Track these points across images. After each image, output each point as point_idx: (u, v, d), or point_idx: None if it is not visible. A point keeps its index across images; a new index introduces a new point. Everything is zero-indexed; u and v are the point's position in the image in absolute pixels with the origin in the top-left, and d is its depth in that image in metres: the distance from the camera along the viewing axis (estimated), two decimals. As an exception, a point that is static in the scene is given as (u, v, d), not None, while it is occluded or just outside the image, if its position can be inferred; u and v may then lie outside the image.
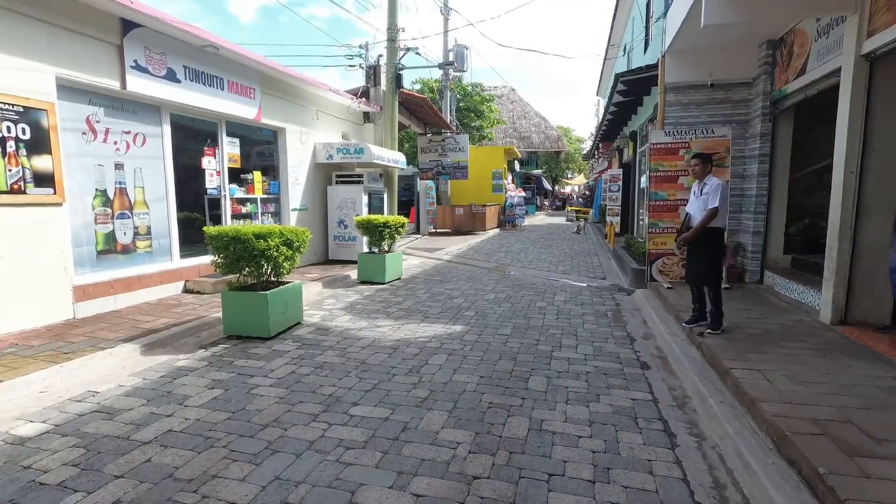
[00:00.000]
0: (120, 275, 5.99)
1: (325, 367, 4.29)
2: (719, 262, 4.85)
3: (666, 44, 7.19)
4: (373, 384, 3.93)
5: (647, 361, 4.56)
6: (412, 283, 8.48)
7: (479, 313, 6.31)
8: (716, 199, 4.60)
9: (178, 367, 4.27)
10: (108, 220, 5.94)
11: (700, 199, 4.76)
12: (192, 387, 3.83)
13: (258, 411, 3.41)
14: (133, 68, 5.92)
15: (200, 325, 5.32)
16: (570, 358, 4.61)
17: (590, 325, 5.83)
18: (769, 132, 6.83)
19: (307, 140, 9.70)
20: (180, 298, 6.51)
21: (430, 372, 4.21)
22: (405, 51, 11.80)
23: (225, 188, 7.78)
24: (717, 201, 4.59)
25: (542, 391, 3.83)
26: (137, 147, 6.28)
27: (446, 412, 3.43)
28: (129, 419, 3.27)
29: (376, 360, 4.51)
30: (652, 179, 7.13)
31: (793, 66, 6.07)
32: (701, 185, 4.82)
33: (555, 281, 8.78)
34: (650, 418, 3.38)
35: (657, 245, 7.22)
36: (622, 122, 13.28)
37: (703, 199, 4.70)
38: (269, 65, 7.90)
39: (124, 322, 5.32)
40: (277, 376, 4.07)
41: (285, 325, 5.34)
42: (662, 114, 7.38)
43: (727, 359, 4.03)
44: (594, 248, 14.10)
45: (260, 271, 5.05)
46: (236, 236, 4.84)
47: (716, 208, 4.60)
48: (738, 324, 5.07)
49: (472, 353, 4.71)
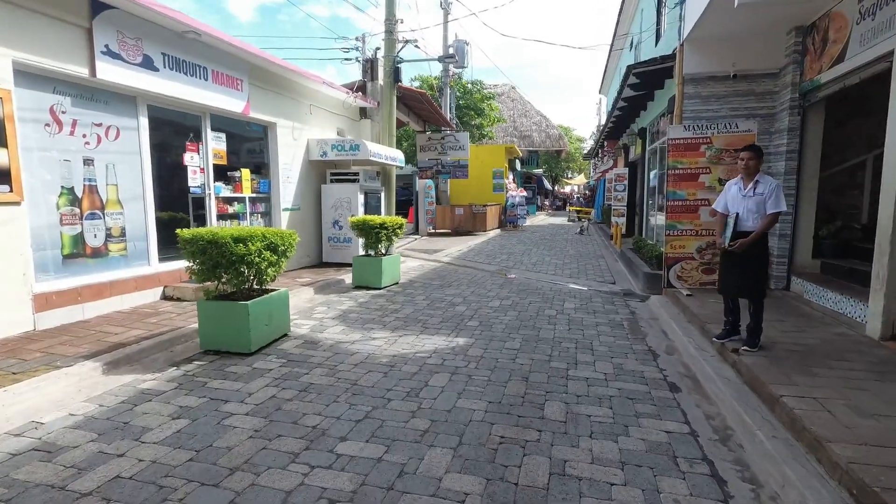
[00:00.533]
0: (89, 281, 5.44)
1: (311, 390, 3.76)
2: (767, 270, 4.34)
3: (685, 32, 6.67)
4: (365, 412, 3.40)
5: (675, 382, 4.04)
6: (410, 287, 7.94)
7: (483, 323, 5.78)
8: (780, 201, 4.08)
9: (142, 389, 3.74)
10: (76, 220, 5.39)
11: (752, 200, 4.17)
12: (154, 416, 3.29)
13: (227, 449, 2.87)
14: (104, 54, 5.38)
15: (175, 338, 4.79)
16: (589, 378, 4.08)
17: (605, 336, 5.30)
18: (797, 126, 6.31)
19: (300, 136, 9.16)
20: (157, 306, 5.97)
21: (431, 396, 3.68)
22: (403, 43, 11.27)
23: (210, 186, 7.24)
24: (783, 204, 4.09)
25: (561, 421, 3.30)
26: (110, 141, 5.73)
27: (450, 450, 2.90)
28: (72, 460, 2.74)
29: (369, 380, 3.97)
30: (669, 178, 6.60)
31: (828, 54, 5.54)
32: (752, 182, 4.21)
33: (562, 286, 8.25)
34: (692, 458, 2.85)
35: (675, 248, 6.70)
36: (630, 118, 12.76)
37: (757, 199, 4.14)
38: (257, 54, 7.36)
39: (90, 335, 4.78)
40: (255, 402, 3.54)
41: (269, 338, 4.81)
42: (680, 107, 6.86)
43: (772, 382, 3.50)
44: (599, 249, 13.58)
45: (240, 279, 4.51)
46: (213, 240, 4.30)
47: (777, 213, 4.10)
48: (773, 338, 4.54)
49: (478, 372, 4.18)
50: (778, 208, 4.07)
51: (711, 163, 6.44)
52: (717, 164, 6.44)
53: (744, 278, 4.21)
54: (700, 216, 6.54)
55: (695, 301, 6.09)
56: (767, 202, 4.09)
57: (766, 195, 4.09)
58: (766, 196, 4.09)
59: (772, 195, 4.08)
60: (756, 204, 4.15)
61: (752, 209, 4.18)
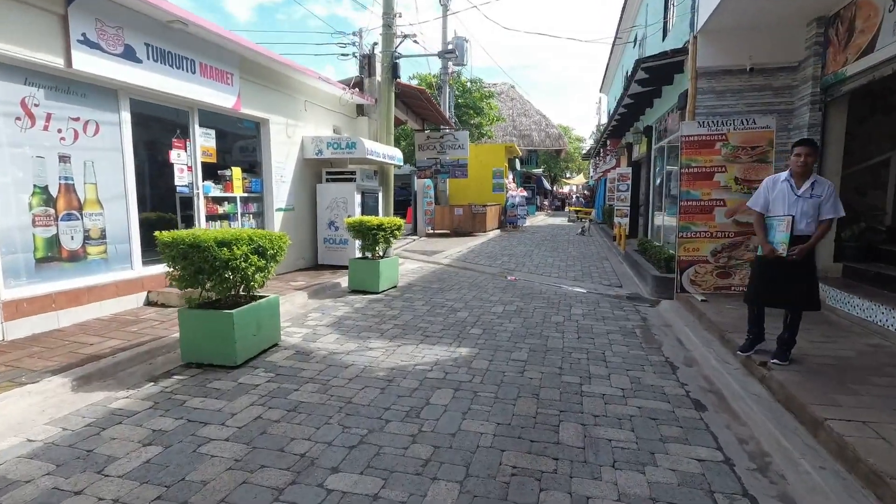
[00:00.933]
0: (65, 286, 5.08)
1: (301, 410, 3.40)
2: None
3: (699, 23, 6.33)
4: (360, 436, 3.04)
5: (699, 399, 3.69)
6: (409, 291, 7.59)
7: (487, 331, 5.43)
8: (839, 205, 3.74)
9: (113, 410, 3.37)
10: (51, 221, 5.02)
11: (809, 202, 3.77)
12: (123, 442, 2.93)
13: (202, 484, 2.52)
14: (81, 43, 5.01)
15: (155, 349, 4.43)
16: (606, 394, 3.73)
17: (618, 346, 4.96)
18: (818, 123, 5.98)
19: (294, 133, 8.79)
20: (140, 313, 5.60)
21: (433, 416, 3.33)
22: (402, 38, 10.90)
23: (198, 186, 6.87)
24: (841, 209, 3.75)
25: (579, 447, 2.95)
26: (89, 137, 5.36)
27: (457, 483, 2.55)
28: (21, 500, 2.38)
29: (365, 398, 3.62)
30: (683, 177, 6.26)
31: (854, 45, 5.21)
32: (808, 182, 3.79)
33: (567, 289, 7.91)
34: (731, 493, 2.50)
35: (688, 251, 6.35)
36: (634, 116, 12.43)
37: (814, 202, 3.75)
38: (248, 46, 6.99)
39: (63, 345, 4.42)
40: (238, 424, 3.18)
41: (258, 348, 4.45)
42: (693, 103, 6.52)
43: (813, 402, 3.16)
44: (602, 250, 13.25)
45: (224, 286, 4.15)
46: (194, 243, 3.94)
47: (832, 220, 3.77)
48: (802, 349, 4.19)
49: (484, 388, 3.83)
50: (837, 213, 3.72)
51: (727, 161, 6.10)
52: (733, 162, 6.10)
53: (800, 289, 3.82)
54: (715, 217, 6.20)
55: (711, 307, 5.75)
56: (824, 206, 3.72)
57: (823, 198, 3.72)
58: (823, 199, 3.72)
59: (830, 198, 3.72)
60: (813, 207, 3.75)
61: (807, 212, 3.77)
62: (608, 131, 15.52)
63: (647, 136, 11.81)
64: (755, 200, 4.09)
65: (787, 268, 3.81)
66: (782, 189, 3.88)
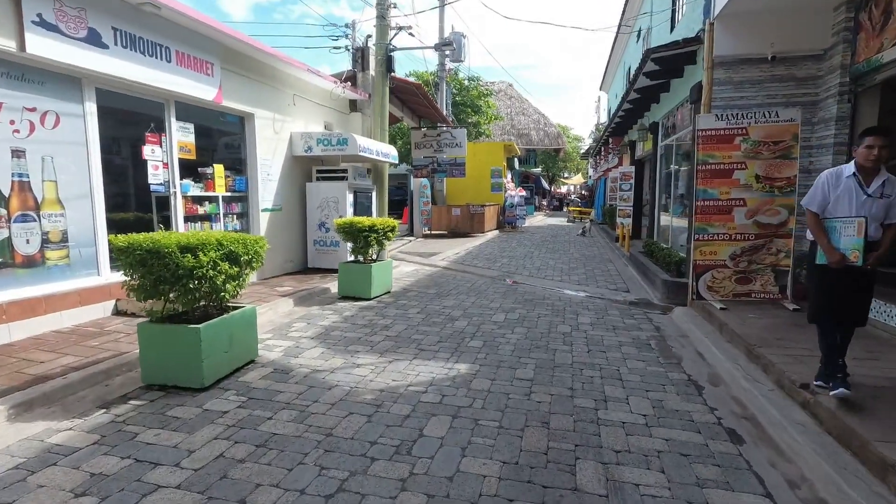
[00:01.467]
0: (17, 295, 4.56)
1: (272, 445, 2.90)
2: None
3: (717, 7, 5.85)
4: (339, 481, 2.54)
5: (734, 428, 3.21)
6: (404, 297, 7.08)
7: (487, 343, 4.94)
8: None
9: (50, 445, 2.86)
10: (2, 224, 4.50)
11: (880, 203, 3.22)
12: (51, 491, 2.42)
13: (137, 554, 2.02)
14: (36, 24, 4.50)
15: (115, 368, 3.92)
16: (626, 422, 3.24)
17: (633, 361, 4.47)
18: (847, 115, 5.51)
19: (282, 129, 8.28)
20: (105, 324, 5.09)
21: (427, 453, 2.83)
22: (397, 30, 10.39)
23: (175, 184, 6.35)
24: None
25: (602, 495, 2.46)
26: (47, 129, 4.85)
27: (454, 550, 2.05)
28: None
29: (349, 428, 3.12)
30: (699, 174, 5.78)
31: (891, 29, 4.74)
32: (879, 180, 3.22)
33: (572, 295, 7.42)
34: (796, 563, 2.01)
35: (705, 255, 5.86)
36: (639, 112, 11.95)
37: (885, 203, 3.21)
38: (230, 34, 6.47)
39: (8, 364, 3.90)
40: (195, 464, 2.67)
41: (230, 367, 3.94)
42: (709, 94, 6.03)
43: (876, 439, 2.67)
44: (605, 252, 12.78)
45: (190, 297, 3.64)
46: (154, 249, 3.44)
47: None
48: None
49: (486, 414, 3.34)
50: None
51: (748, 157, 5.62)
52: (754, 158, 5.62)
53: (863, 302, 3.32)
54: (734, 218, 5.72)
55: (732, 316, 5.27)
56: (893, 208, 3.19)
57: (893, 198, 3.19)
58: (893, 199, 3.19)
59: None
60: (884, 209, 3.21)
61: (877, 215, 3.22)
62: (610, 128, 15.05)
63: (652, 133, 11.34)
64: (811, 199, 3.46)
65: (854, 278, 3.26)
66: (848, 186, 3.29)
